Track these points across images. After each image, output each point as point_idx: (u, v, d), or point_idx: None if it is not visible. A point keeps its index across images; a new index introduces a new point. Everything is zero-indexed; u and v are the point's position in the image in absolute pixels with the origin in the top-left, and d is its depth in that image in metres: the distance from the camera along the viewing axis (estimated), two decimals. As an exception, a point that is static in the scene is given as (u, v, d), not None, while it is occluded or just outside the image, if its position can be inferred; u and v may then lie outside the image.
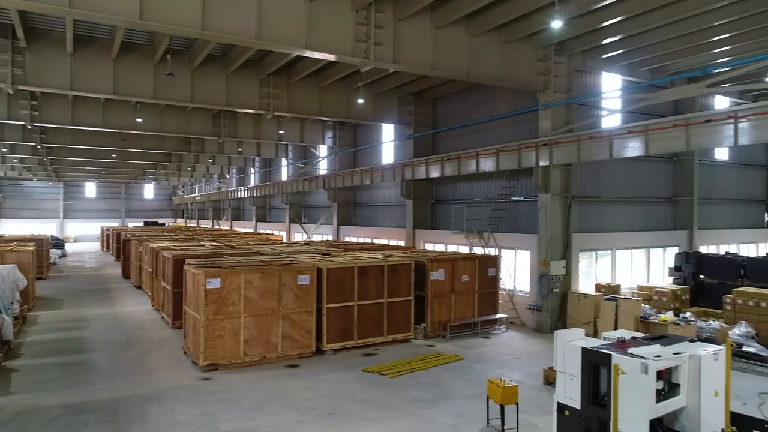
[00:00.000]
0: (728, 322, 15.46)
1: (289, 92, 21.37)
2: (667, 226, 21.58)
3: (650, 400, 7.33)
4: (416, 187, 24.75)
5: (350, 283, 15.00)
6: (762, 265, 17.34)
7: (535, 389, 11.79)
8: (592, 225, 19.04)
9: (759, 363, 13.15)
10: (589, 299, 16.85)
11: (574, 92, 17.88)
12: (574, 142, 16.19)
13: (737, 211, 24.78)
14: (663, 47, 17.07)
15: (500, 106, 20.14)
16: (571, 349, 8.31)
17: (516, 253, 19.69)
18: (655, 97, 15.46)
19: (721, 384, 7.71)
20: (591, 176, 18.99)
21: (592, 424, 7.88)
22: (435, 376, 12.71)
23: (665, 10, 14.24)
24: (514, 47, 16.49)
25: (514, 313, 18.94)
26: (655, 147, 14.25)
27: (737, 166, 24.68)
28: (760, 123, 12.09)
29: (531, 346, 15.83)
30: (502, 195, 20.05)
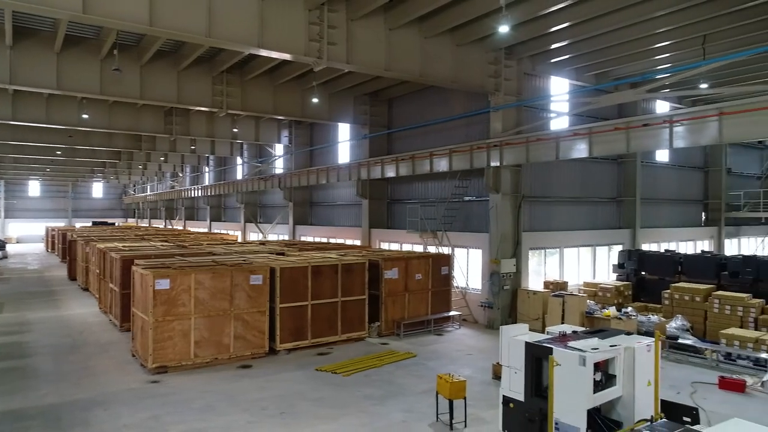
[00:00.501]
0: (666, 316, 16.28)
1: (243, 90, 21.11)
2: (612, 225, 22.48)
3: (588, 390, 7.69)
4: (372, 187, 24.89)
5: (304, 282, 14.99)
6: (697, 261, 18.31)
7: (484, 384, 12.11)
8: (541, 224, 19.64)
9: (693, 354, 13.91)
10: (538, 296, 17.39)
11: (524, 95, 18.40)
12: (523, 143, 16.68)
13: (677, 211, 26.04)
14: (607, 53, 17.78)
15: (454, 107, 20.51)
16: (515, 344, 8.62)
17: (469, 251, 20.10)
18: (599, 101, 16.12)
19: (653, 374, 8.14)
20: (540, 177, 19.58)
21: (534, 415, 8.19)
22: (388, 374, 12.86)
23: (609, 18, 14.85)
24: (466, 50, 16.84)
25: (467, 311, 19.34)
26: (599, 149, 14.85)
27: (677, 167, 25.93)
28: (694, 128, 12.79)
29: (482, 342, 16.21)
30: (456, 195, 20.43)
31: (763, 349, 12.93)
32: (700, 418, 8.07)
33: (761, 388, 11.59)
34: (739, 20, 14.58)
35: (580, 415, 7.63)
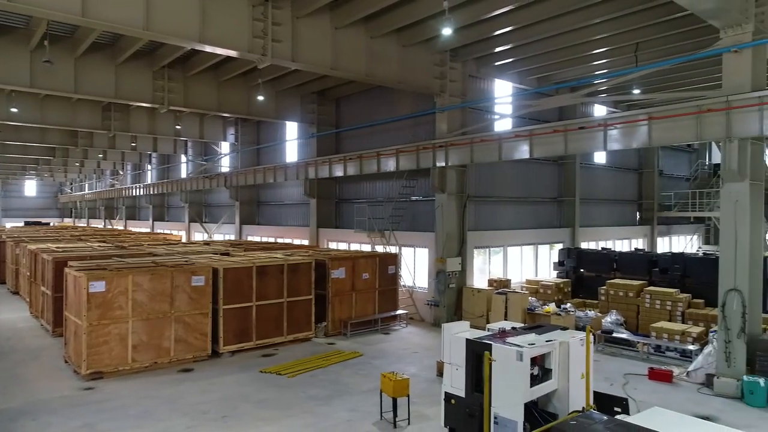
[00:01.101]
0: (602, 311, 16.98)
1: (185, 86, 20.50)
2: (553, 224, 23.25)
3: (525, 384, 7.93)
4: (320, 186, 24.74)
5: (248, 283, 14.72)
6: (631, 259, 19.21)
7: (428, 381, 12.27)
8: (486, 223, 20.08)
9: (626, 347, 14.59)
10: (483, 293, 17.77)
11: (469, 97, 18.75)
12: (467, 144, 17.00)
13: (613, 210, 27.23)
14: (548, 58, 18.36)
15: (401, 107, 20.66)
16: (456, 341, 8.78)
17: (416, 250, 20.31)
18: (540, 104, 16.64)
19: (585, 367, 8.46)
20: (485, 177, 20.01)
21: (475, 410, 8.37)
22: (334, 374, 12.83)
23: (549, 23, 15.33)
24: (412, 51, 16.99)
25: (414, 309, 19.54)
26: (539, 150, 15.32)
27: (613, 169, 27.11)
28: (626, 131, 13.40)
29: (428, 340, 16.41)
30: (403, 194, 20.59)
31: (688, 341, 13.71)
32: (629, 408, 8.45)
33: (686, 377, 12.28)
34: (668, 30, 15.37)
35: (518, 409, 7.85)
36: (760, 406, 10.53)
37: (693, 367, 12.37)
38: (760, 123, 11.11)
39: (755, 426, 9.67)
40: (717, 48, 11.94)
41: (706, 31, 14.50)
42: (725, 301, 11.54)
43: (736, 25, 11.39)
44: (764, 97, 11.06)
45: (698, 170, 32.73)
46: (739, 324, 11.32)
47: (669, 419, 5.09)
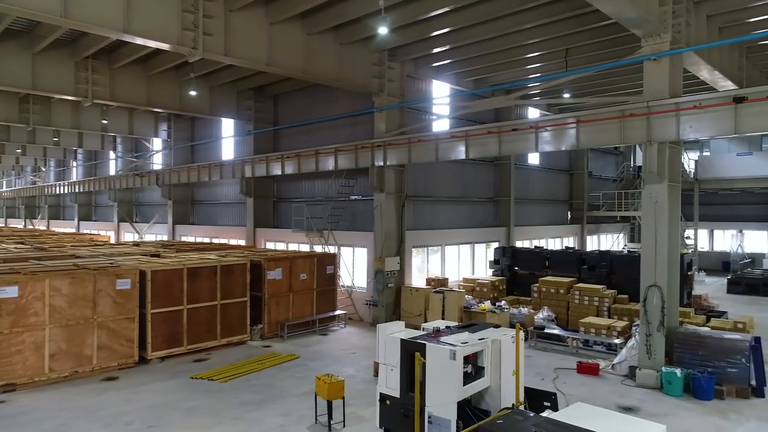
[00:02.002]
0: (535, 307, 17.51)
1: (112, 78, 19.43)
2: (489, 223, 23.78)
3: (458, 383, 7.98)
4: (257, 185, 24.17)
5: (179, 285, 14.14)
6: (562, 257, 19.93)
7: (365, 382, 12.19)
8: (424, 223, 20.26)
9: (557, 342, 15.08)
10: (421, 292, 17.90)
11: (407, 97, 18.84)
12: (405, 144, 17.07)
13: (546, 210, 28.20)
14: (484, 60, 18.72)
15: (340, 106, 20.49)
16: (391, 342, 8.74)
17: (354, 250, 20.21)
18: (476, 106, 16.93)
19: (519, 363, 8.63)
20: (423, 177, 20.18)
21: (409, 410, 8.35)
22: (268, 377, 12.52)
23: (484, 26, 15.62)
24: (350, 49, 16.87)
25: (353, 309, 19.43)
26: (474, 151, 15.59)
27: (546, 170, 28.07)
28: (556, 133, 13.86)
29: (366, 340, 16.35)
30: (342, 194, 20.44)
31: (613, 335, 14.35)
32: (558, 402, 8.70)
33: (612, 370, 12.84)
34: (596, 37, 16.03)
35: (451, 408, 7.90)
36: (677, 395, 11.15)
37: (617, 360, 12.95)
38: (677, 128, 11.76)
39: (673, 414, 10.22)
40: (638, 56, 12.54)
41: (630, 39, 15.23)
42: (646, 296, 12.15)
43: (655, 35, 12.01)
44: (680, 103, 11.72)
45: (624, 172, 34.48)
46: (658, 318, 11.94)
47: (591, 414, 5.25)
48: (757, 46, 17.36)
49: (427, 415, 8.01)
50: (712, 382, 11.04)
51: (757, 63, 18.62)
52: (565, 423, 4.70)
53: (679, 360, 11.82)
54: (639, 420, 5.37)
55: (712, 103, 11.39)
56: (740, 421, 9.94)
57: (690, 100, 11.65)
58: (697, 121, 11.53)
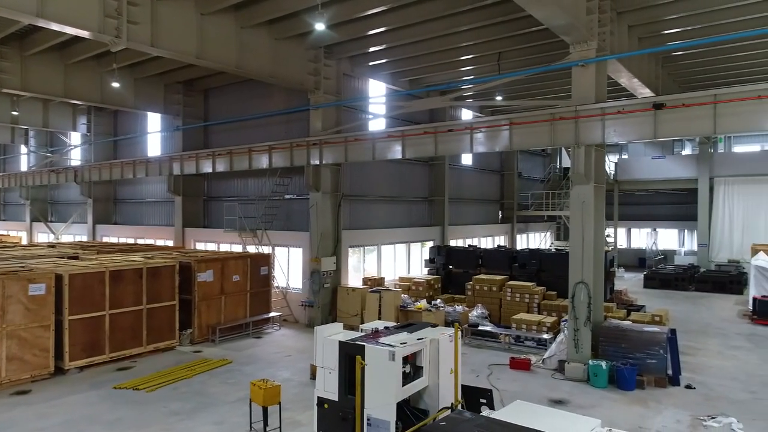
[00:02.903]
0: (469, 305, 17.86)
1: (23, 66, 17.96)
2: (425, 223, 24.05)
3: (397, 384, 7.93)
4: (186, 183, 23.17)
5: (100, 290, 13.27)
6: (494, 255, 20.46)
7: (302, 385, 11.94)
8: (361, 222, 20.17)
9: (491, 339, 15.44)
10: (357, 292, 17.80)
11: (343, 95, 18.67)
12: (342, 143, 16.90)
13: (479, 210, 28.90)
14: (420, 61, 18.86)
15: (275, 102, 20.00)
16: (329, 344, 8.57)
17: (289, 250, 19.81)
18: (412, 106, 17.04)
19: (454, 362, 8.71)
20: (360, 176, 20.07)
21: (348, 413, 8.22)
22: (199, 384, 11.99)
23: (420, 27, 15.72)
24: (284, 45, 16.48)
25: (288, 311, 19.04)
26: (411, 151, 15.67)
27: (479, 170, 28.76)
28: (490, 135, 14.17)
29: (302, 342, 16.05)
30: (276, 193, 19.97)
31: (543, 331, 14.86)
32: (494, 398, 8.86)
33: (542, 364, 13.29)
34: (528, 42, 16.53)
35: (391, 409, 7.85)
36: (603, 386, 11.69)
37: (547, 355, 13.42)
38: (603, 132, 12.33)
39: (599, 405, 10.70)
40: (567, 62, 13.04)
41: (559, 45, 15.78)
42: (574, 292, 12.65)
43: (583, 42, 12.53)
44: (606, 108, 12.29)
45: (551, 173, 35.97)
46: (585, 313, 12.47)
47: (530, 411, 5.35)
48: (671, 57, 18.55)
49: (366, 418, 7.92)
50: (634, 373, 11.66)
51: (671, 72, 19.91)
52: (506, 422, 4.74)
53: (604, 353, 12.40)
54: (576, 416, 5.54)
55: (634, 108, 12.02)
56: (659, 409, 10.54)
57: (614, 105, 12.25)
58: (620, 125, 12.14)
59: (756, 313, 18.43)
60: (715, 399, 11.02)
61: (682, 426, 9.71)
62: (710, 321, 18.62)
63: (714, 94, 11.14)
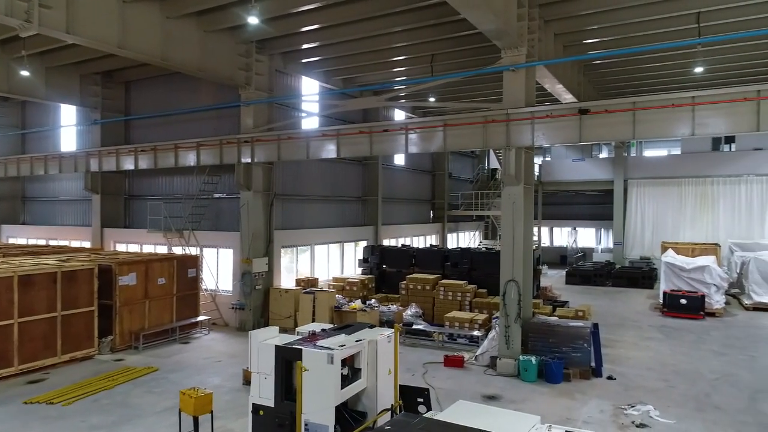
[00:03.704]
0: (403, 304, 17.99)
1: None
2: (358, 222, 24.00)
3: (336, 387, 7.81)
4: (105, 180, 21.79)
5: (8, 296, 12.19)
6: (427, 254, 20.74)
7: (234, 392, 11.53)
8: (294, 222, 19.80)
9: (425, 338, 15.61)
10: (290, 294, 17.46)
11: (276, 92, 18.24)
12: (274, 141, 16.51)
13: (411, 209, 29.23)
14: (353, 60, 18.76)
15: (203, 97, 19.19)
16: (264, 349, 8.30)
17: (219, 251, 19.12)
18: (346, 105, 16.92)
19: (393, 363, 8.72)
20: (292, 175, 19.69)
21: (285, 419, 8.00)
22: (122, 395, 11.28)
23: (354, 26, 15.61)
24: (214, 38, 15.84)
25: (217, 314, 18.37)
26: (346, 150, 15.55)
27: (411, 171, 29.08)
28: (425, 135, 14.32)
29: (233, 346, 15.53)
30: (204, 191, 19.19)
31: (475, 328, 15.22)
32: (431, 397, 8.94)
33: (475, 361, 13.60)
34: (461, 45, 16.84)
35: (329, 413, 7.71)
36: (532, 380, 12.12)
37: (480, 352, 13.75)
38: (532, 135, 12.78)
39: (530, 399, 11.08)
40: (499, 66, 13.42)
41: (491, 50, 16.21)
42: (505, 290, 13.03)
43: (514, 47, 12.93)
44: (535, 112, 12.75)
45: (479, 173, 37.01)
46: (516, 310, 12.88)
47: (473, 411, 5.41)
48: (592, 65, 19.59)
49: (304, 423, 7.74)
50: (561, 367, 12.18)
51: (592, 80, 21.02)
52: (451, 423, 4.76)
53: (533, 348, 12.87)
54: (517, 413, 5.66)
55: (561, 113, 12.55)
56: (585, 400, 11.07)
57: (543, 110, 12.73)
58: (549, 129, 12.63)
59: (666, 306, 19.84)
60: (634, 389, 11.71)
61: (605, 416, 10.23)
62: (626, 314, 19.84)
63: (633, 101, 11.84)
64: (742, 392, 11.51)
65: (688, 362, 13.75)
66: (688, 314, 19.05)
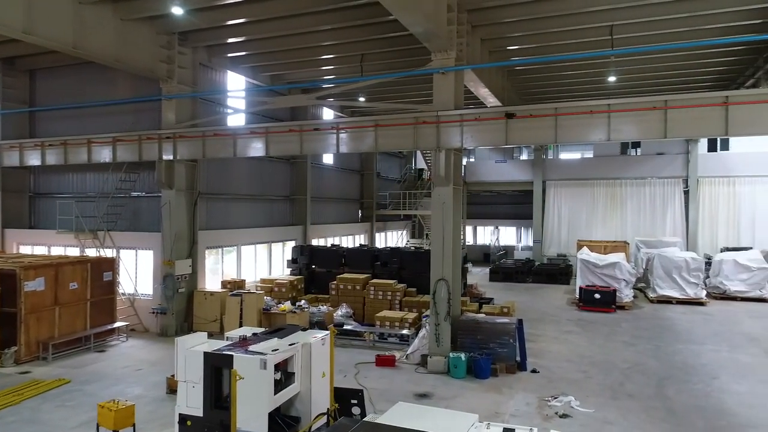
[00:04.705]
0: (334, 305, 17.86)
1: None
2: (286, 222, 23.56)
3: (269, 393, 7.62)
4: (6, 177, 19.95)
5: None
6: (357, 254, 20.72)
7: (157, 401, 10.94)
8: (219, 222, 19.11)
9: (356, 338, 15.58)
10: (216, 296, 16.84)
11: (200, 87, 17.51)
12: (199, 137, 15.85)
13: (340, 209, 29.11)
14: (281, 57, 18.35)
15: (121, 89, 18.04)
16: (192, 356, 7.95)
17: (138, 253, 18.08)
18: (275, 102, 16.56)
19: (327, 366, 8.62)
20: (218, 173, 18.99)
21: (214, 429, 7.70)
22: (30, 411, 10.39)
23: (282, 22, 15.24)
24: (133, 27, 14.93)
25: (136, 319, 17.36)
26: (275, 149, 15.21)
27: (340, 170, 28.96)
28: (356, 135, 14.29)
29: (154, 353, 14.74)
30: (122, 190, 18.07)
31: (405, 327, 15.39)
32: (364, 398, 8.92)
33: (406, 360, 13.74)
34: (391, 46, 16.92)
35: (262, 420, 7.51)
36: (462, 377, 12.42)
37: (411, 350, 13.91)
38: (461, 137, 13.09)
39: (460, 395, 11.34)
40: (429, 68, 13.62)
41: (422, 52, 16.40)
42: (435, 289, 13.26)
43: (443, 50, 13.18)
44: (464, 115, 13.07)
45: (406, 174, 37.50)
46: (445, 308, 13.14)
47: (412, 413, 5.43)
48: (515, 71, 20.37)
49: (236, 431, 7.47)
50: (488, 363, 12.57)
51: (515, 85, 21.86)
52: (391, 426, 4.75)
53: (462, 345, 13.19)
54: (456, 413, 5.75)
55: (489, 116, 12.95)
56: (511, 394, 11.49)
57: (472, 113, 13.08)
58: (477, 131, 12.99)
59: (582, 300, 21.03)
60: (556, 380, 12.30)
61: (531, 408, 10.67)
62: (546, 309, 20.84)
63: (555, 107, 12.43)
64: (650, 380, 12.41)
65: (602, 353, 14.63)
66: (601, 308, 20.30)
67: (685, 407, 10.71)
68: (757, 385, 11.96)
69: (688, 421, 10.05)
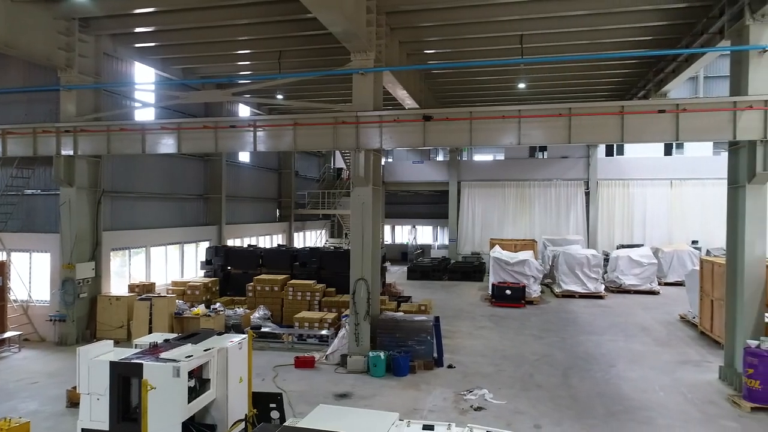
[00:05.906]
0: (251, 307, 17.42)
1: None
2: (200, 222, 22.65)
3: (182, 402, 7.28)
4: None
5: None
6: (275, 254, 20.33)
7: (57, 416, 10.13)
8: (126, 222, 18.00)
9: (274, 340, 15.28)
10: (122, 301, 15.87)
11: (104, 78, 16.40)
12: (103, 132, 14.84)
13: (257, 208, 28.42)
14: (193, 50, 17.60)
15: (11, 77, 16.46)
16: (97, 366, 7.43)
17: (32, 256, 16.60)
18: (187, 97, 15.82)
19: (244, 370, 8.39)
20: (124, 170, 17.86)
21: (122, 442, 7.26)
22: None
23: (194, 14, 14.62)
24: (27, 9, 13.71)
25: (30, 328, 15.95)
26: (188, 146, 14.56)
27: (257, 168, 28.27)
28: (274, 133, 14.00)
29: (52, 364, 13.63)
30: (13, 187, 16.52)
31: (325, 327, 15.31)
32: (284, 401, 8.77)
33: (326, 360, 13.67)
34: (311, 44, 16.72)
35: (176, 430, 7.16)
36: (381, 375, 12.55)
37: (330, 350, 13.86)
38: (380, 138, 13.21)
39: (379, 394, 11.46)
40: (348, 69, 13.62)
41: (341, 51, 16.35)
42: (355, 289, 13.30)
43: (363, 51, 13.23)
44: (383, 116, 13.20)
45: (325, 173, 37.33)
46: (365, 308, 13.21)
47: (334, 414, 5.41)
48: (432, 74, 20.87)
49: (147, 445, 7.08)
50: (407, 361, 12.79)
51: (431, 88, 22.40)
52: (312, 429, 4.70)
53: (381, 344, 13.33)
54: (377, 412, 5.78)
55: (408, 118, 13.17)
56: (429, 390, 11.77)
57: (391, 114, 13.23)
58: (396, 133, 13.17)
59: (494, 296, 21.95)
60: (471, 375, 12.76)
61: (447, 403, 10.99)
62: (461, 306, 21.56)
63: (470, 111, 12.86)
64: (557, 370, 13.20)
65: (513, 347, 15.37)
66: (512, 303, 21.30)
67: (588, 394, 11.49)
68: (648, 372, 13.07)
69: (590, 406, 10.80)
